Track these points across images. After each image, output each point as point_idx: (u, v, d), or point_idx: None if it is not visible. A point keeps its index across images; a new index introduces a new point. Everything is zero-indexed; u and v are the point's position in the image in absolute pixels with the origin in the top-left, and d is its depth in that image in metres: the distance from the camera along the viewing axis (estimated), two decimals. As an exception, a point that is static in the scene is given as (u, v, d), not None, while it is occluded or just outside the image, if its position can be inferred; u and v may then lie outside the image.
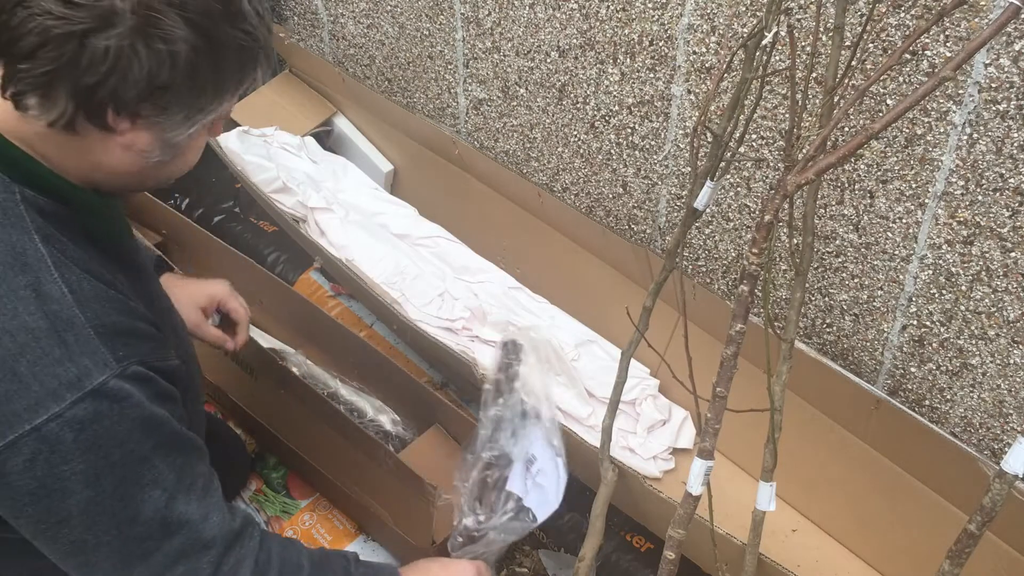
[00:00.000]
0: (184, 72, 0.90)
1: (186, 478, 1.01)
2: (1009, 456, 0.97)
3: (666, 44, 1.54)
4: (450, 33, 1.92)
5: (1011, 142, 1.22)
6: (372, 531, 1.60)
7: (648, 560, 1.54)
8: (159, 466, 0.98)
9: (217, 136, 1.07)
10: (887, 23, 1.25)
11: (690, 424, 1.73)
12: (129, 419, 0.94)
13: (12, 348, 0.91)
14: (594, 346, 1.81)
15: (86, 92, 0.88)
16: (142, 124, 0.93)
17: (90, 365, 0.92)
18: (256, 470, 1.68)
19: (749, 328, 1.12)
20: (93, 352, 0.93)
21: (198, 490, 1.03)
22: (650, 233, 1.77)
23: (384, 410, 1.71)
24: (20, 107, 0.90)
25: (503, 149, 1.97)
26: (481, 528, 1.32)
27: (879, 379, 1.53)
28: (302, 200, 1.97)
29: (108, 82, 0.88)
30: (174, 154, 0.99)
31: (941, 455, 1.35)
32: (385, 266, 1.89)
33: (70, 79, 0.87)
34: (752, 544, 1.25)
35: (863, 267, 1.47)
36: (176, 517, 1.00)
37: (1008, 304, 1.32)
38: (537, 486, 1.34)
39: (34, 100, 0.89)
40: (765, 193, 1.54)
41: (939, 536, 1.28)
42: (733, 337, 1.10)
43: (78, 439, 0.91)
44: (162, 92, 0.90)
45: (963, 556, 1.03)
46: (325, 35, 2.26)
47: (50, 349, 0.91)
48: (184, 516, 1.00)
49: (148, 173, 1.00)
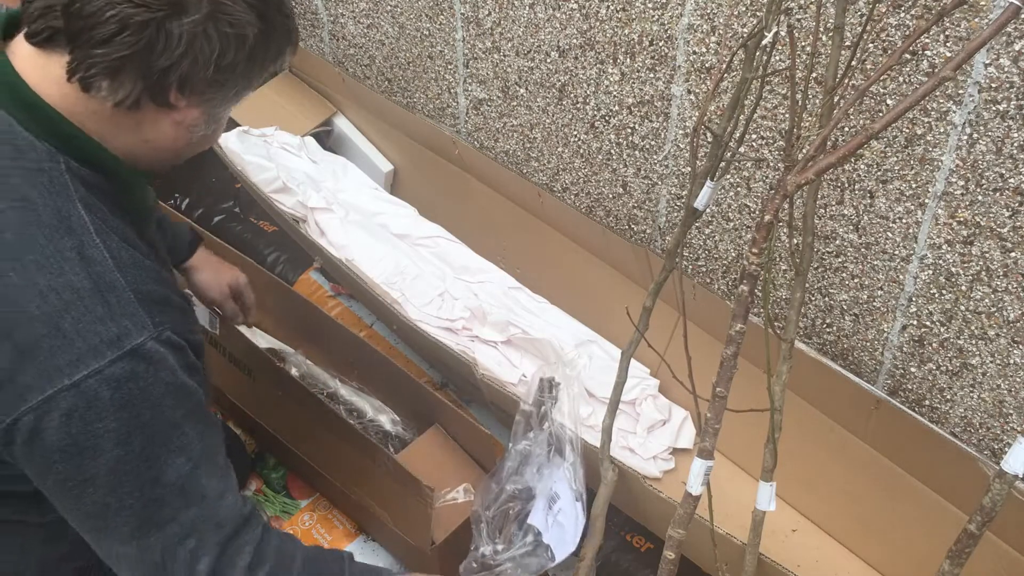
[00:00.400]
0: (246, 53, 0.99)
1: (210, 452, 1.04)
2: (1009, 456, 0.97)
3: (666, 44, 1.54)
4: (450, 33, 1.92)
5: (1011, 142, 1.22)
6: (372, 531, 1.60)
7: (648, 560, 1.54)
8: (188, 433, 1.01)
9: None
10: (887, 23, 1.25)
11: (690, 424, 1.73)
12: (163, 382, 0.97)
13: (58, 305, 0.93)
14: (594, 346, 1.81)
15: (158, 74, 0.95)
16: (196, 101, 1.00)
17: (130, 326, 0.95)
18: (256, 470, 1.68)
19: (749, 328, 1.12)
20: (132, 314, 0.96)
21: (219, 468, 1.05)
22: (650, 233, 1.77)
23: (384, 410, 1.71)
24: (89, 90, 0.95)
25: (503, 149, 1.97)
26: (497, 559, 1.33)
27: (879, 379, 1.53)
28: (302, 200, 1.97)
29: (180, 65, 0.95)
30: (214, 129, 1.07)
31: (941, 455, 1.35)
32: (385, 266, 1.89)
33: (144, 62, 0.94)
34: (752, 544, 1.25)
35: (863, 267, 1.47)
36: (196, 488, 1.02)
37: (1008, 304, 1.32)
38: (557, 524, 1.35)
39: (105, 83, 0.95)
40: (765, 193, 1.54)
41: (939, 536, 1.28)
42: (733, 337, 1.10)
43: (114, 396, 0.94)
44: (224, 72, 0.98)
45: (963, 556, 1.03)
46: (325, 35, 2.26)
47: (93, 307, 0.94)
48: (204, 489, 1.02)
49: (186, 148, 1.06)
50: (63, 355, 0.93)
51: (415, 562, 1.54)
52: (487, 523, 1.37)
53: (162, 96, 0.97)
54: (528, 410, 1.43)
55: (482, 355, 1.77)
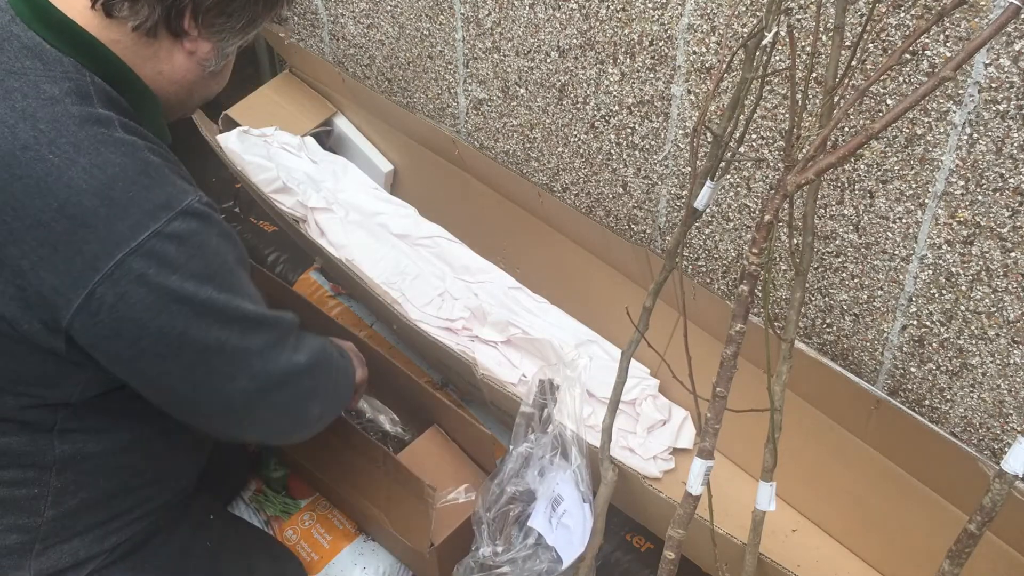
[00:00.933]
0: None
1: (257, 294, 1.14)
2: (1009, 456, 0.97)
3: (666, 44, 1.54)
4: (450, 33, 1.92)
5: (1011, 142, 1.22)
6: (372, 531, 1.60)
7: (648, 560, 1.54)
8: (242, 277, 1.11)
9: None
10: (887, 23, 1.25)
11: (690, 424, 1.73)
12: (215, 234, 1.06)
13: (103, 179, 0.99)
14: (594, 346, 1.81)
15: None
16: (206, 34, 1.08)
17: (174, 192, 1.03)
18: (256, 470, 1.68)
19: (749, 328, 1.12)
20: (173, 183, 1.04)
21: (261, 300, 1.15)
22: (650, 233, 1.77)
23: (383, 410, 1.71)
24: (111, 13, 1.02)
25: (503, 149, 1.97)
26: (496, 560, 1.33)
27: (879, 379, 1.53)
28: (302, 200, 1.97)
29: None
30: (220, 68, 1.15)
31: (941, 455, 1.35)
32: (385, 266, 1.89)
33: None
34: (752, 544, 1.25)
35: (863, 267, 1.47)
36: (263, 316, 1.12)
37: (1008, 304, 1.32)
38: (563, 526, 1.35)
39: (126, 4, 1.02)
40: (765, 193, 1.54)
41: (939, 536, 1.28)
42: (733, 337, 1.10)
43: (179, 250, 1.01)
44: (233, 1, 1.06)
45: (963, 556, 1.03)
46: (325, 35, 2.26)
47: (137, 179, 1.01)
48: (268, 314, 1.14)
49: (196, 87, 1.14)
50: (122, 222, 0.98)
51: (415, 562, 1.54)
52: (488, 524, 1.37)
53: (177, 22, 1.04)
54: (529, 412, 1.43)
55: (482, 355, 1.77)
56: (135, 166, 1.01)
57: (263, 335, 1.12)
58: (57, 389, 1.08)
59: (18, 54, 1.02)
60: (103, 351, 1.03)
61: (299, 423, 1.23)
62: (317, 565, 1.54)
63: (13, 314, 1.01)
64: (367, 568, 1.55)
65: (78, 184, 0.97)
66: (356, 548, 1.57)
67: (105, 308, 0.98)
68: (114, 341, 1.01)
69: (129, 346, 1.02)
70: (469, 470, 1.57)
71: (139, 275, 0.98)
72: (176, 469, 1.29)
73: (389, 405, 1.72)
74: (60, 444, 1.12)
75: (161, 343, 1.02)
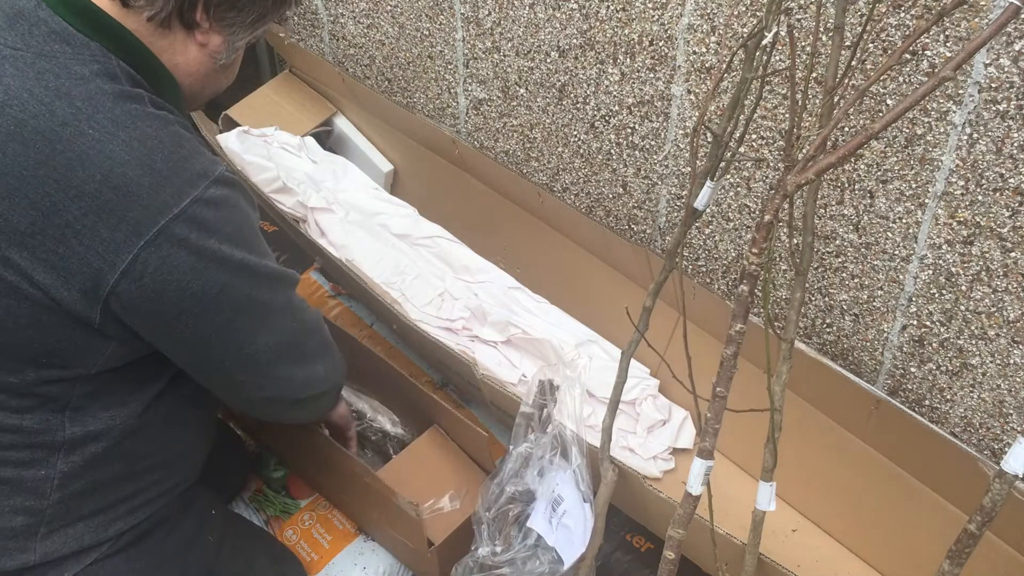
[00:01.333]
0: None
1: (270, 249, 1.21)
2: (1009, 456, 0.97)
3: (666, 44, 1.54)
4: (450, 33, 1.92)
5: (1011, 142, 1.22)
6: (372, 531, 1.60)
7: (648, 560, 1.54)
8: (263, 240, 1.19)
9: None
10: (887, 23, 1.25)
11: (690, 424, 1.73)
12: (243, 200, 1.12)
13: (143, 150, 1.03)
14: (594, 346, 1.81)
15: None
16: (217, 27, 1.12)
17: (206, 162, 1.08)
18: (256, 470, 1.68)
19: (749, 328, 1.12)
20: (203, 154, 1.09)
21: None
22: (650, 233, 1.77)
23: (383, 410, 1.71)
24: (127, 3, 1.06)
25: (503, 149, 1.97)
26: (496, 560, 1.34)
27: (879, 379, 1.53)
28: (302, 200, 1.97)
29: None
30: (230, 61, 1.19)
31: (941, 455, 1.35)
32: (385, 266, 1.89)
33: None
34: (752, 544, 1.25)
35: (863, 267, 1.47)
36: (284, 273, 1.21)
37: (1008, 304, 1.32)
38: (563, 527, 1.35)
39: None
40: (765, 193, 1.54)
41: (939, 536, 1.28)
42: (733, 337, 1.10)
43: (217, 215, 1.07)
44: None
45: (963, 556, 1.03)
46: (325, 35, 2.26)
47: (175, 149, 1.06)
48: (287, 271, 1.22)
49: (208, 80, 1.19)
50: (165, 190, 1.03)
51: (416, 562, 1.54)
52: (487, 524, 1.37)
53: (190, 14, 1.09)
54: (529, 412, 1.43)
55: (482, 355, 1.77)
56: (171, 138, 1.06)
57: (284, 291, 1.20)
58: (78, 362, 1.12)
59: (47, 38, 1.06)
60: (144, 314, 1.07)
61: (310, 381, 1.29)
62: (317, 565, 1.54)
63: (51, 282, 1.04)
64: (367, 568, 1.55)
65: (120, 156, 1.02)
66: (356, 548, 1.57)
67: (149, 272, 1.03)
68: (156, 303, 1.06)
69: (171, 307, 1.07)
70: (467, 472, 1.57)
71: (182, 239, 1.04)
72: (180, 457, 1.31)
73: (389, 406, 1.72)
74: (71, 426, 1.15)
75: (202, 302, 1.08)
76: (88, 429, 1.16)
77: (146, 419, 1.21)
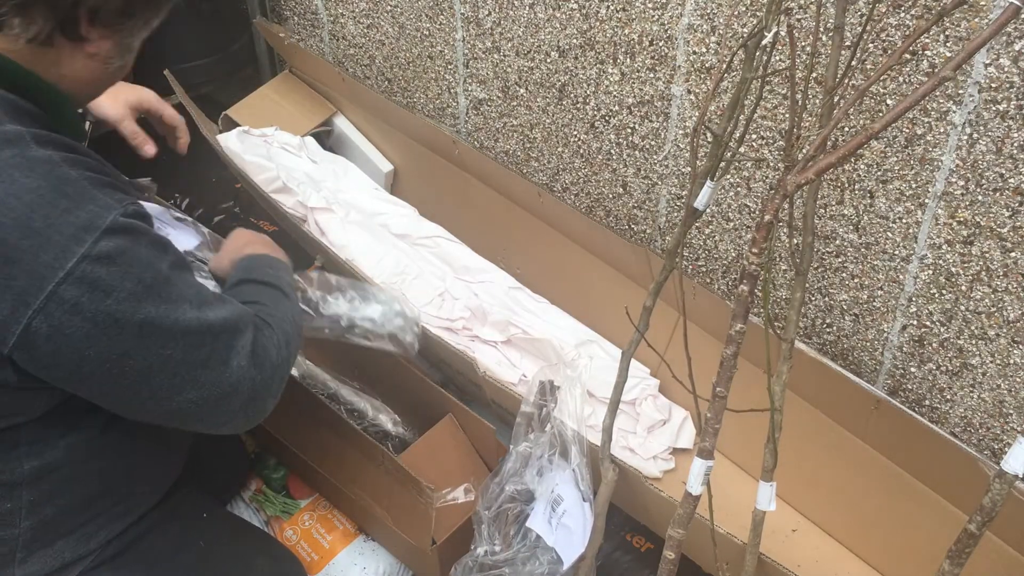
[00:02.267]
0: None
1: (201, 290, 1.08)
2: (1009, 456, 0.97)
3: (666, 44, 1.54)
4: (450, 33, 1.92)
5: (1011, 142, 1.22)
6: (372, 531, 1.60)
7: (648, 560, 1.54)
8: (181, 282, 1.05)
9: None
10: (887, 23, 1.26)
11: (690, 424, 1.73)
12: (144, 245, 1.01)
13: (22, 209, 0.94)
14: (594, 346, 1.81)
15: (68, 7, 0.97)
16: (107, 32, 1.02)
17: (96, 209, 0.97)
18: (256, 470, 1.68)
19: (749, 328, 1.12)
20: (93, 199, 0.98)
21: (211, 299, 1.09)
22: (650, 233, 1.77)
23: (384, 411, 1.71)
24: (1, 28, 0.97)
25: (503, 149, 1.97)
26: (495, 560, 1.33)
27: (879, 379, 1.53)
28: (302, 200, 1.97)
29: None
30: (127, 58, 1.08)
31: (941, 455, 1.35)
32: (385, 266, 1.89)
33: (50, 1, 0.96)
34: (752, 544, 1.25)
35: (863, 267, 1.47)
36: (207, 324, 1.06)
37: (1008, 304, 1.32)
38: (563, 527, 1.35)
39: (16, 20, 0.96)
40: (765, 193, 1.54)
41: (939, 536, 1.28)
42: (733, 337, 1.10)
43: (111, 272, 0.97)
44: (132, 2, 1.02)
45: (963, 556, 1.03)
46: (325, 35, 2.26)
47: (56, 202, 0.96)
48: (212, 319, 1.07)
49: (101, 82, 1.09)
50: (46, 252, 0.94)
51: (415, 561, 1.54)
52: (488, 523, 1.37)
53: (73, 29, 0.99)
54: (529, 411, 1.43)
55: (482, 355, 1.77)
56: (51, 189, 0.96)
57: (207, 345, 1.07)
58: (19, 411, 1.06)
59: None
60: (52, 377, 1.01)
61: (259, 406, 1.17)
62: (317, 565, 1.54)
63: None
64: (367, 568, 1.55)
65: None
66: (356, 548, 1.57)
67: (41, 340, 0.96)
68: (55, 370, 0.99)
69: (72, 373, 1.00)
70: (475, 467, 1.57)
71: (72, 304, 0.95)
72: (152, 463, 1.27)
73: (391, 405, 1.72)
74: (28, 460, 1.10)
75: (103, 367, 1.00)
76: (47, 460, 1.11)
77: (109, 436, 1.17)
